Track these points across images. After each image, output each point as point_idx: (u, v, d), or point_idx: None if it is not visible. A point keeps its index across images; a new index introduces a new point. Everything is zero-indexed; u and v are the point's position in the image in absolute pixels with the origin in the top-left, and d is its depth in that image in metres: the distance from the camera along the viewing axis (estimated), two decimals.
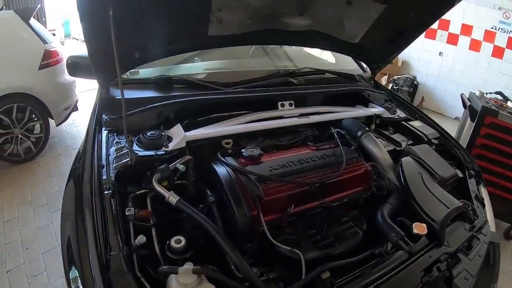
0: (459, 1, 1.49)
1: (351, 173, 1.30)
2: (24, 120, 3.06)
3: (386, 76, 5.84)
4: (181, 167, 1.14)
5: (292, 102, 1.67)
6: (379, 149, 1.49)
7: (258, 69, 1.94)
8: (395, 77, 5.81)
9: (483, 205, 1.53)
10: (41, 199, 2.69)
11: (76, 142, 3.64)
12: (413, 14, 1.70)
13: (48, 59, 3.04)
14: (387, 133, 1.78)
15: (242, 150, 1.26)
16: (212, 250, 0.97)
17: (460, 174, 1.64)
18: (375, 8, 1.59)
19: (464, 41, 5.23)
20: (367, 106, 1.96)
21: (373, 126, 1.87)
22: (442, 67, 5.58)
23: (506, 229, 2.92)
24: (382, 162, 1.45)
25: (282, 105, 1.64)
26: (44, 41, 3.08)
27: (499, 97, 3.37)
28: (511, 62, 4.84)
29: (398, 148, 1.65)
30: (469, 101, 2.97)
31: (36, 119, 3.13)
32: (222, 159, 1.20)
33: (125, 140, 1.20)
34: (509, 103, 2.99)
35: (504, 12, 4.74)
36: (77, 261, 0.91)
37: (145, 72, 1.70)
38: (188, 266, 0.83)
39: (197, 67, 1.92)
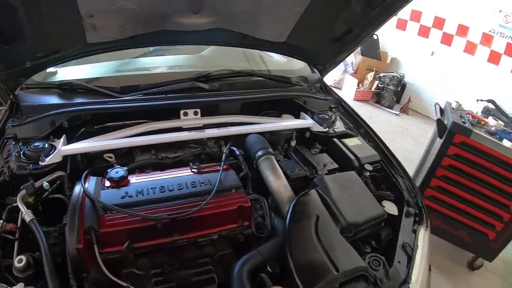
0: None
1: (220, 207, 1.10)
2: None
3: (373, 73, 5.59)
4: (45, 185, 1.14)
5: (198, 110, 1.48)
6: (275, 177, 1.20)
7: (170, 72, 1.78)
8: (382, 74, 5.53)
9: (410, 258, 1.23)
10: None
11: None
12: (358, 8, 1.47)
13: None
14: (307, 154, 1.48)
15: (107, 170, 1.19)
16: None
17: (395, 211, 1.36)
18: (298, 1, 1.36)
19: (459, 42, 4.93)
20: (297, 116, 1.66)
21: (293, 143, 1.58)
22: (433, 67, 5.32)
23: (470, 259, 2.69)
24: (277, 194, 1.18)
25: (185, 114, 1.48)
26: None
27: (491, 105, 3.09)
28: (507, 70, 4.55)
29: (310, 176, 1.35)
30: (442, 113, 2.65)
31: None
32: (82, 178, 1.13)
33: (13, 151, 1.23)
34: (490, 119, 2.67)
35: (505, 16, 4.42)
36: None
37: (62, 71, 1.68)
38: (18, 286, 0.88)
39: (107, 67, 1.82)
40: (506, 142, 2.29)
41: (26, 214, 1.01)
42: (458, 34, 4.88)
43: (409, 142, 4.68)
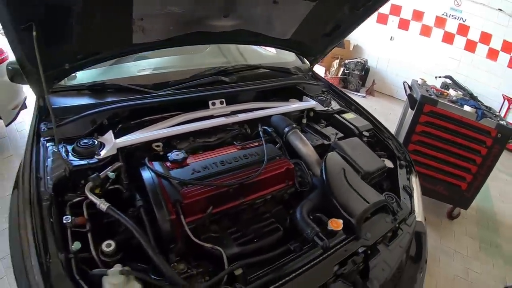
0: None
1: (272, 171, 1.35)
2: None
3: (338, 60, 6.02)
4: (111, 175, 1.20)
5: (224, 100, 1.70)
6: (304, 145, 1.53)
7: (190, 68, 1.92)
8: (347, 61, 6.02)
9: (411, 196, 1.61)
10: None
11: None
12: (347, 9, 1.78)
13: None
14: (318, 127, 1.83)
15: (168, 154, 1.33)
16: (142, 251, 1.04)
17: (391, 165, 1.73)
18: (304, 6, 1.65)
19: (415, 26, 5.51)
20: (301, 100, 1.99)
21: (304, 121, 1.92)
22: (393, 51, 5.86)
23: (448, 209, 3.16)
24: (307, 158, 1.50)
25: (213, 104, 1.67)
26: None
27: (449, 81, 3.61)
28: (460, 48, 5.16)
29: (326, 143, 1.69)
30: (410, 89, 3.12)
31: None
32: (148, 164, 1.25)
33: (61, 150, 1.27)
34: (450, 91, 3.18)
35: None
36: (22, 270, 0.96)
37: (82, 75, 1.71)
38: (117, 268, 0.92)
39: (131, 68, 1.95)
40: (466, 108, 2.78)
41: (102, 203, 1.07)
42: (414, 19, 5.45)
43: (380, 120, 5.17)
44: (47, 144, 1.31)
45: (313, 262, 1.11)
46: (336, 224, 1.18)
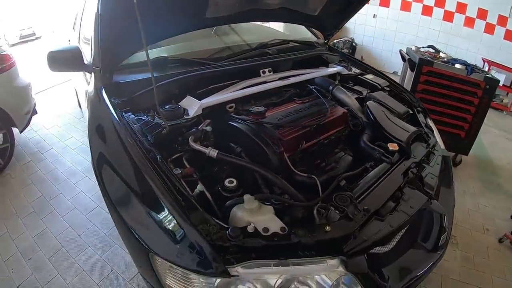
0: None
1: (334, 115, 1.70)
2: None
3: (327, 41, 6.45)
4: (209, 128, 1.44)
5: (271, 69, 2.00)
6: (348, 97, 1.93)
7: (233, 45, 2.24)
8: (335, 40, 6.48)
9: (432, 131, 2.04)
10: (26, 208, 2.73)
11: (42, 146, 3.65)
12: None
13: (1, 63, 2.99)
14: (350, 86, 2.23)
15: (249, 109, 1.59)
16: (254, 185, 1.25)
17: (410, 111, 2.16)
18: None
19: (395, 2, 5.99)
20: (327, 67, 2.38)
21: (337, 82, 2.30)
22: (377, 28, 6.36)
23: (452, 157, 3.59)
24: (353, 106, 1.89)
25: (263, 72, 1.95)
26: None
27: (431, 50, 4.07)
28: (439, 19, 5.70)
29: (360, 96, 2.09)
30: (408, 55, 3.58)
31: None
32: (239, 117, 1.50)
33: (145, 116, 1.46)
34: (441, 54, 3.66)
35: None
36: (165, 206, 1.10)
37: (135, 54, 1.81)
38: (249, 196, 1.12)
39: (181, 47, 2.13)
40: (457, 65, 3.27)
41: (211, 150, 1.26)
42: None
43: None
44: (127, 114, 1.46)
45: (387, 173, 1.46)
46: (394, 146, 1.58)
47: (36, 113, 3.61)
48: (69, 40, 3.81)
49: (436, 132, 2.09)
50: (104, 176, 1.43)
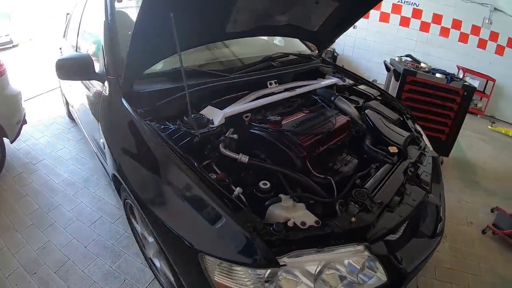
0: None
1: (340, 122, 1.90)
2: None
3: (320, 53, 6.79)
4: (235, 136, 1.59)
5: (276, 80, 2.17)
6: (349, 106, 2.16)
7: (242, 57, 2.42)
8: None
9: (421, 135, 2.31)
10: (24, 221, 2.65)
11: (33, 157, 3.60)
12: (355, 6, 2.38)
13: None
14: (346, 96, 2.47)
15: (268, 118, 1.75)
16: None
17: (401, 118, 2.42)
18: (332, 5, 2.24)
19: (374, 14, 6.42)
20: (324, 78, 2.61)
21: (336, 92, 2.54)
22: (357, 38, 6.79)
23: None
24: (353, 114, 2.12)
25: (270, 84, 2.13)
26: None
27: (409, 59, 4.41)
28: (416, 29, 6.18)
29: (358, 105, 2.33)
30: (392, 66, 3.91)
31: None
32: (260, 126, 1.67)
33: (172, 125, 1.58)
34: (422, 64, 4.01)
35: None
36: (214, 207, 1.22)
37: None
38: (284, 196, 1.28)
39: (194, 58, 2.22)
40: (438, 75, 3.62)
41: (243, 156, 1.41)
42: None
43: None
44: (151, 123, 1.55)
45: (391, 172, 1.68)
46: (394, 149, 1.82)
47: (26, 122, 3.53)
48: (60, 48, 3.85)
49: (424, 136, 2.36)
50: (137, 186, 1.52)
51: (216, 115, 1.67)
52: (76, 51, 2.96)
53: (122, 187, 1.74)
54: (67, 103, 4.11)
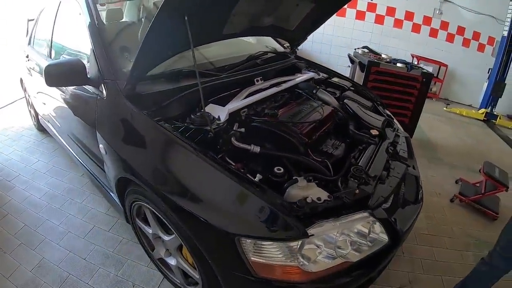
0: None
1: (327, 112, 2.14)
2: None
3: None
4: (243, 130, 1.76)
5: (262, 77, 2.34)
6: (329, 97, 2.42)
7: (228, 57, 2.52)
8: None
9: (392, 118, 2.63)
10: (11, 241, 2.53)
11: (6, 173, 3.39)
12: (328, 6, 2.65)
13: None
14: (323, 88, 2.73)
15: (266, 111, 1.94)
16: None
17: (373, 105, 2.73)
18: (309, 5, 2.48)
19: None
20: (301, 73, 2.85)
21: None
22: (315, 32, 6.99)
23: None
24: (334, 104, 2.38)
25: (257, 81, 2.29)
26: None
27: (366, 50, 4.77)
28: (371, 22, 6.65)
29: (336, 96, 2.59)
30: (356, 58, 4.27)
31: None
32: (261, 119, 1.84)
33: (182, 123, 1.69)
34: (383, 55, 4.41)
35: None
36: (244, 193, 1.35)
37: None
38: (299, 177, 1.46)
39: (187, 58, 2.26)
40: (399, 64, 4.03)
41: (255, 147, 1.58)
42: None
43: None
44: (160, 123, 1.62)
45: (376, 150, 1.94)
46: (375, 132, 2.10)
47: None
48: (27, 56, 3.57)
49: (395, 120, 2.69)
50: (159, 183, 1.56)
51: (221, 112, 1.79)
52: (50, 57, 2.87)
53: (131, 189, 1.82)
54: (36, 114, 3.95)
